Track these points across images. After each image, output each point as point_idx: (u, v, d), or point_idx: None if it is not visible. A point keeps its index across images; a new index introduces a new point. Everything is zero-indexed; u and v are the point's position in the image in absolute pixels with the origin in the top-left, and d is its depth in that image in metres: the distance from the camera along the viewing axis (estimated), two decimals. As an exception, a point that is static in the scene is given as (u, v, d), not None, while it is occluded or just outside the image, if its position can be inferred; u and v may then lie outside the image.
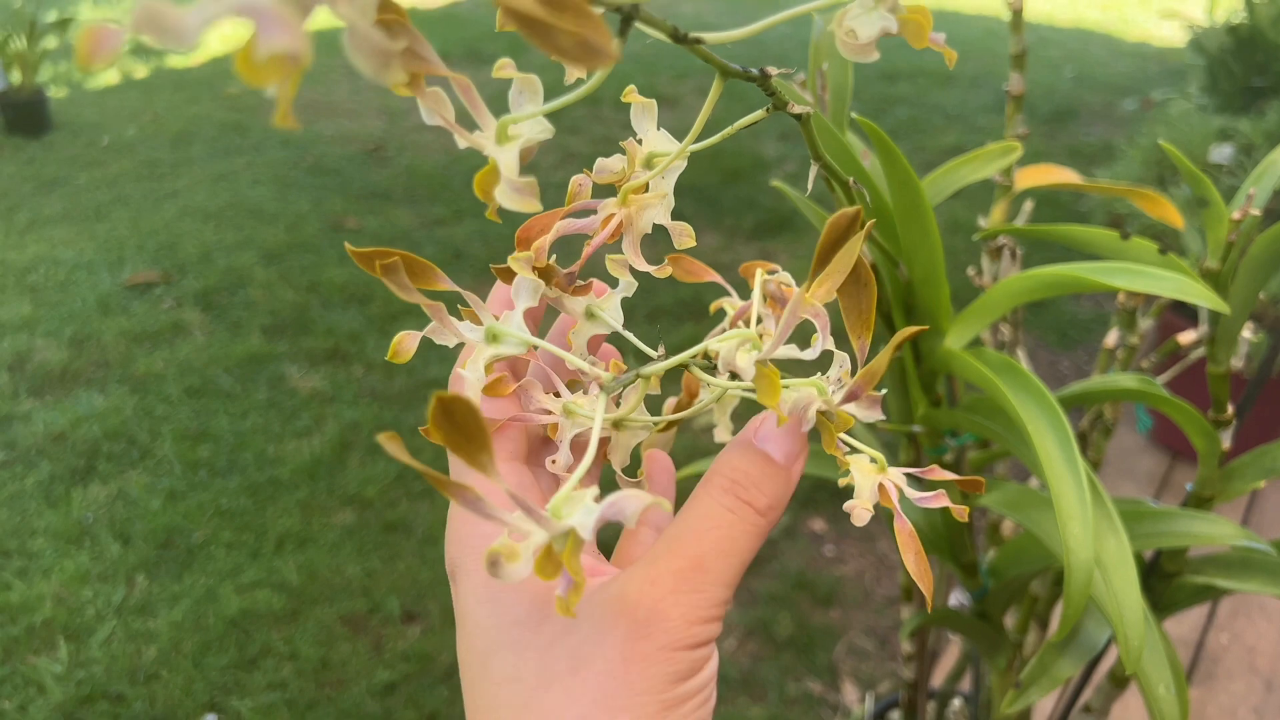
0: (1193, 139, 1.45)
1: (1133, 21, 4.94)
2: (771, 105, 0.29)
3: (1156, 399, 0.53)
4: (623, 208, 0.30)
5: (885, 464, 0.31)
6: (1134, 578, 0.44)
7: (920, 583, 0.29)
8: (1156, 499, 1.63)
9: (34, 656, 1.49)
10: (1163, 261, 0.50)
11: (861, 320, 0.28)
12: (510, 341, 0.29)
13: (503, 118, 0.25)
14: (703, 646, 0.26)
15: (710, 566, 0.27)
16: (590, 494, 0.25)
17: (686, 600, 0.26)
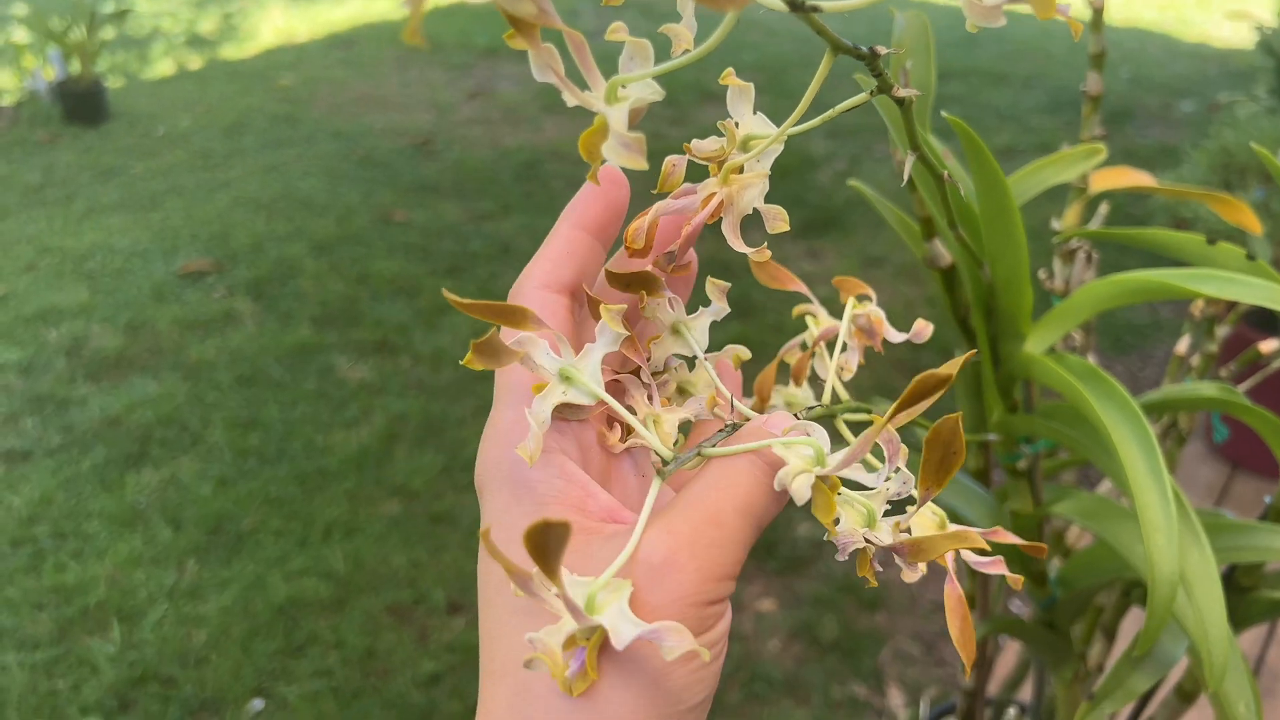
0: (1261, 142, 1.41)
1: (1191, 22, 4.85)
2: (876, 88, 0.28)
3: (1238, 408, 0.52)
4: (724, 187, 0.29)
5: (946, 521, 0.30)
6: (1219, 593, 0.42)
7: (962, 651, 0.28)
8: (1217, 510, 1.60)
9: (88, 637, 1.51)
10: (1250, 268, 0.48)
11: (935, 479, 0.27)
12: (581, 390, 0.28)
13: (613, 78, 0.25)
14: (715, 604, 0.26)
15: (728, 523, 0.27)
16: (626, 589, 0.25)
17: (703, 554, 0.26)
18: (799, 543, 1.70)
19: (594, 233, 0.31)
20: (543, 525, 0.21)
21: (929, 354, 2.16)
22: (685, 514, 0.27)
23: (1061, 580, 0.60)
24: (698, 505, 0.27)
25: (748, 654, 1.51)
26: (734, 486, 0.27)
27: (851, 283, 0.40)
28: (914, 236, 0.53)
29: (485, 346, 0.27)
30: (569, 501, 0.28)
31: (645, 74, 0.25)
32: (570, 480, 0.28)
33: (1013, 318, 0.47)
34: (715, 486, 0.28)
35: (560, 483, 0.28)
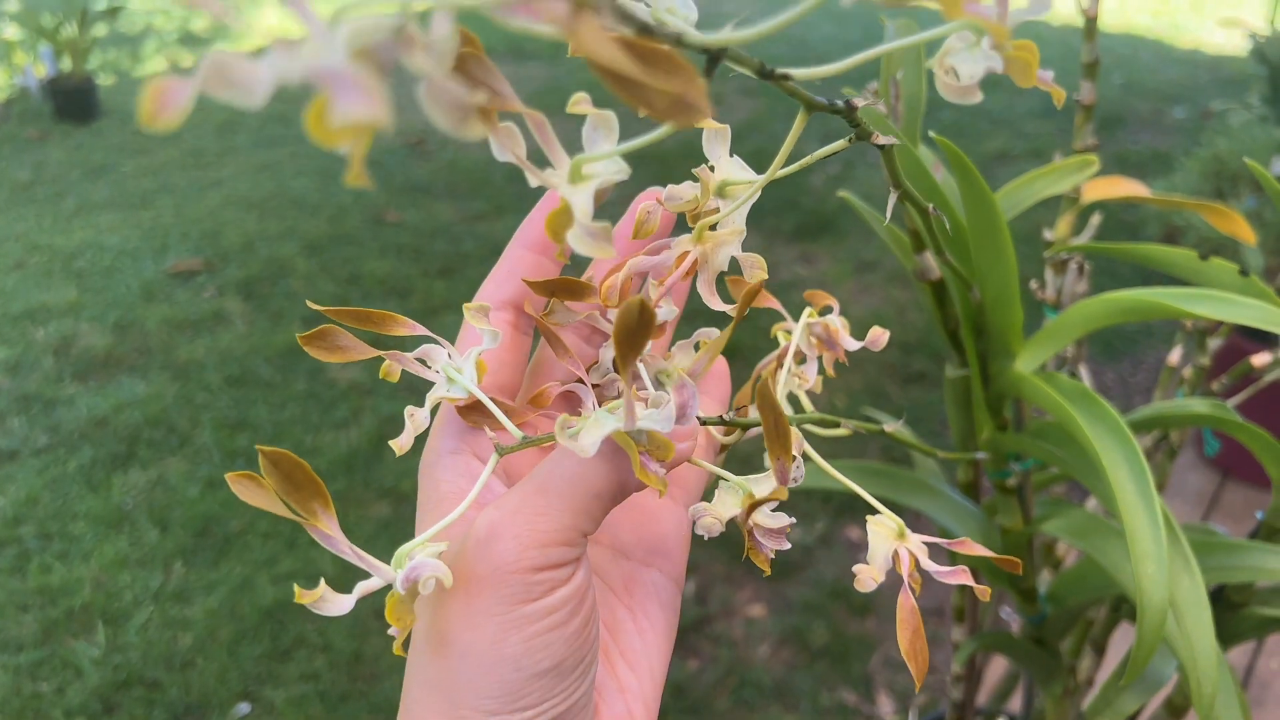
0: (1254, 150, 1.41)
1: (1184, 28, 4.86)
2: (855, 136, 0.28)
3: (1230, 425, 0.51)
4: (698, 244, 0.29)
5: (905, 530, 0.30)
6: (1208, 620, 0.42)
7: (911, 662, 0.28)
8: (1206, 520, 1.60)
9: (72, 639, 1.50)
10: (1244, 285, 0.48)
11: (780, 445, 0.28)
12: (458, 388, 0.30)
13: (577, 157, 0.24)
14: (545, 570, 0.27)
15: (553, 490, 0.27)
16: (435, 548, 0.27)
17: (524, 522, 0.27)
18: (789, 549, 1.70)
19: (541, 250, 0.33)
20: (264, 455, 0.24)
21: (920, 358, 2.15)
22: (518, 488, 0.28)
23: (1051, 596, 0.59)
24: (530, 480, 0.28)
25: (737, 660, 1.51)
26: (567, 459, 0.28)
27: (820, 296, 0.40)
28: (904, 248, 0.53)
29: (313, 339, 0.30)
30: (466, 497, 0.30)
31: (611, 152, 0.24)
32: (473, 478, 0.30)
33: (1002, 336, 0.46)
34: (552, 459, 0.29)
35: (464, 481, 0.30)
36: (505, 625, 0.26)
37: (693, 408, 0.27)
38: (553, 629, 0.27)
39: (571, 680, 0.27)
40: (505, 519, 0.27)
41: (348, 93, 0.14)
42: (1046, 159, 2.47)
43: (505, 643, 0.26)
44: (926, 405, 2.01)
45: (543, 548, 0.27)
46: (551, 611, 0.27)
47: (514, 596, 0.26)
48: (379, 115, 0.14)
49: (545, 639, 0.26)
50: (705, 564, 1.67)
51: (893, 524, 0.30)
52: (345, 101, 0.14)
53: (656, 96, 0.17)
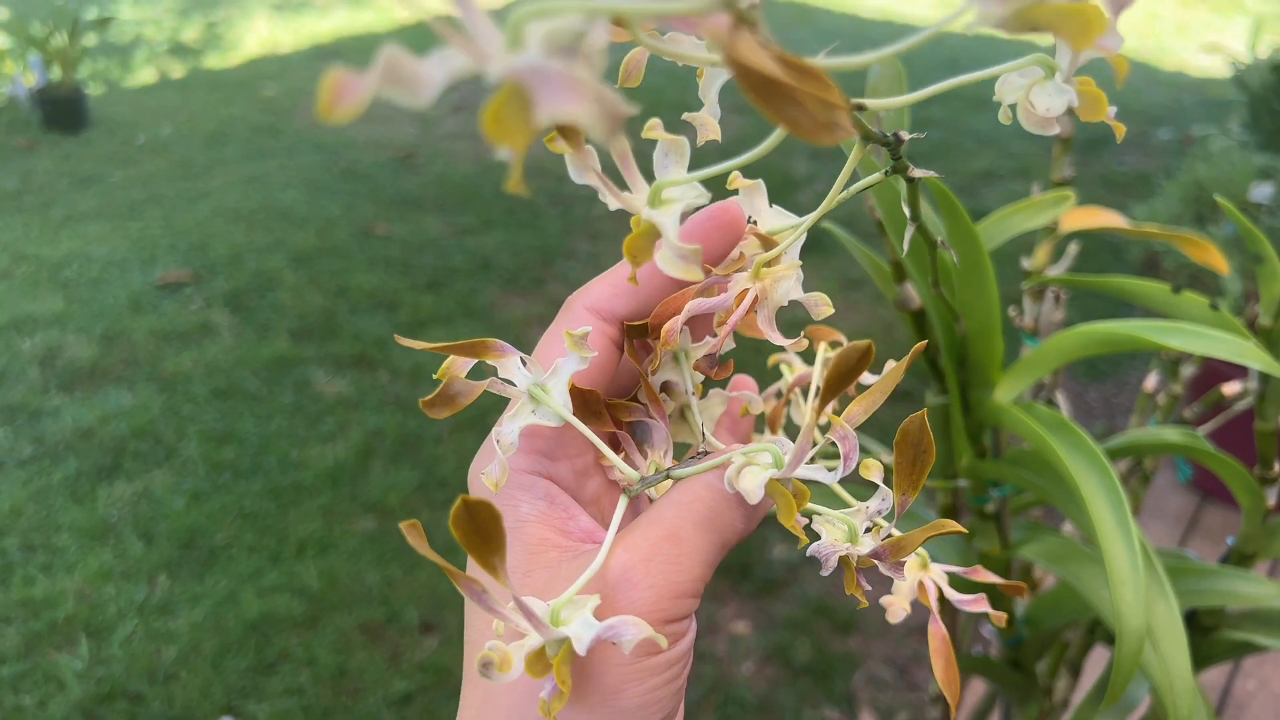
0: (1233, 176, 1.43)
1: (1169, 50, 4.92)
2: (893, 168, 0.29)
3: (1202, 454, 0.53)
4: (756, 282, 0.29)
5: (928, 561, 0.30)
6: (1184, 645, 0.43)
7: (947, 691, 0.28)
8: (1184, 545, 1.61)
9: (55, 652, 1.50)
10: (1215, 319, 0.49)
11: (911, 481, 0.27)
12: (546, 412, 0.28)
13: (657, 182, 0.24)
14: (673, 622, 0.26)
15: (686, 538, 0.27)
16: (592, 603, 0.25)
17: (658, 571, 0.26)
18: (774, 565, 1.71)
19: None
20: (465, 503, 0.21)
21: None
22: (645, 531, 0.27)
23: (1028, 620, 0.60)
24: (657, 523, 0.27)
25: (721, 676, 1.51)
26: (694, 503, 0.27)
27: (824, 330, 0.40)
28: (885, 278, 0.54)
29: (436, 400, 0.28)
30: (550, 523, 0.28)
31: (690, 177, 0.24)
32: (553, 503, 0.28)
33: (983, 367, 0.47)
34: (675, 504, 0.28)
35: (543, 504, 0.28)
36: (627, 676, 0.25)
37: (854, 457, 0.27)
38: (669, 682, 0.26)
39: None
40: (639, 566, 0.26)
41: (557, 91, 0.14)
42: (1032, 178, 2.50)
43: (623, 694, 0.25)
44: (911, 423, 2.02)
45: (677, 598, 0.26)
46: (671, 665, 0.26)
47: (640, 648, 0.25)
48: (586, 109, 0.15)
49: (661, 692, 0.26)
50: (690, 580, 1.67)
51: (915, 555, 0.30)
52: (552, 97, 0.14)
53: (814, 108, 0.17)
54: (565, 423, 0.28)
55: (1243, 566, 0.57)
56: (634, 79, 0.28)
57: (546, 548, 0.27)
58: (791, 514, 0.26)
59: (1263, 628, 0.59)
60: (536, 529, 0.28)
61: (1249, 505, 0.55)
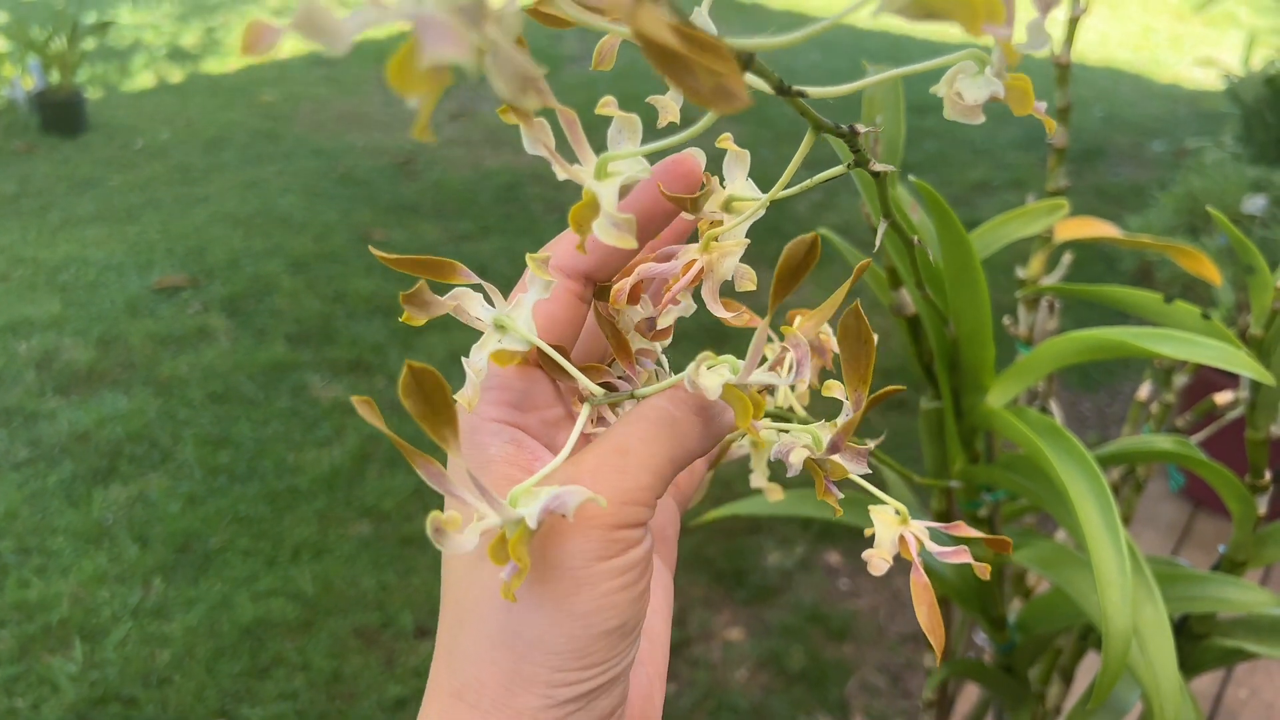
0: (1226, 188, 1.44)
1: (1164, 63, 4.94)
2: (853, 162, 0.29)
3: (1193, 462, 0.53)
4: (704, 254, 0.30)
5: (908, 516, 0.31)
6: (1170, 648, 0.44)
7: (931, 636, 0.29)
8: (1177, 553, 1.62)
9: (49, 655, 1.49)
10: (1206, 327, 0.50)
11: (859, 375, 0.28)
12: (514, 337, 0.29)
13: (603, 155, 0.26)
14: (623, 529, 0.27)
15: (633, 450, 0.28)
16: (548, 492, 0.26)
17: (604, 479, 0.27)
18: (768, 572, 1.71)
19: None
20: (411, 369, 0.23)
21: (899, 384, 2.18)
22: (593, 447, 0.28)
23: (1020, 625, 0.61)
24: (607, 439, 0.28)
25: (715, 683, 1.52)
26: (643, 419, 0.29)
27: (805, 313, 0.41)
28: (881, 284, 0.55)
29: (414, 297, 0.29)
30: (516, 463, 0.29)
31: (634, 152, 0.26)
32: (520, 446, 0.30)
33: (975, 372, 0.48)
34: (626, 420, 0.29)
35: (510, 448, 0.29)
36: (580, 580, 0.26)
37: (806, 365, 0.28)
38: (624, 589, 0.27)
39: (628, 643, 0.28)
40: (585, 476, 0.27)
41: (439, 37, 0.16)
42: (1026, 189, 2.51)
43: (578, 597, 0.26)
44: (906, 432, 2.03)
45: (623, 505, 0.27)
46: (625, 571, 0.27)
47: (592, 552, 0.26)
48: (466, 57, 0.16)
49: (616, 598, 0.27)
50: (685, 587, 1.68)
51: (895, 511, 0.31)
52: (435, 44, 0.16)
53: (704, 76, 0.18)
54: (534, 374, 0.30)
55: (1234, 574, 0.58)
56: (607, 62, 0.29)
57: (510, 483, 0.28)
58: (748, 417, 0.28)
59: (1254, 635, 0.60)
60: (502, 468, 0.29)
61: (1240, 513, 0.56)
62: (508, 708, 0.27)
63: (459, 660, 0.28)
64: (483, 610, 0.28)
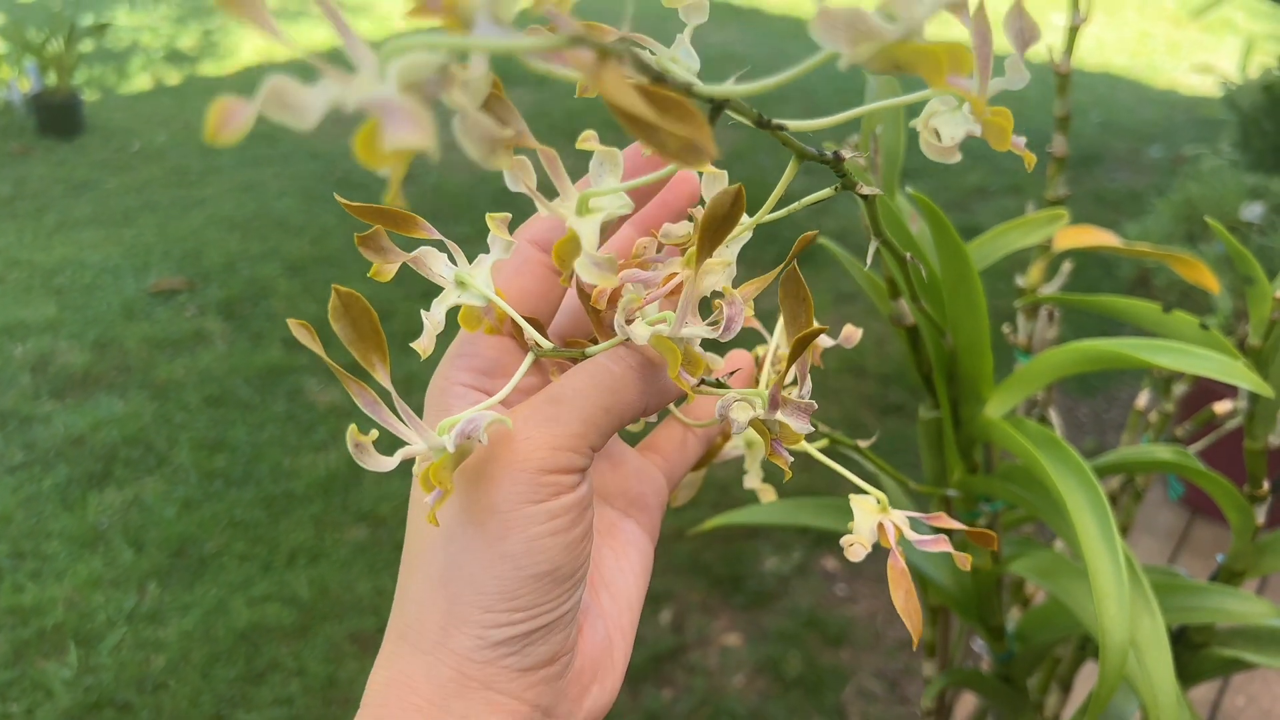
0: (1224, 196, 1.44)
1: (1160, 69, 4.95)
2: (840, 185, 0.29)
3: (1192, 472, 0.53)
4: (686, 269, 0.30)
5: (887, 505, 0.31)
6: (1168, 660, 0.43)
7: (907, 619, 0.29)
8: (1175, 560, 1.62)
9: (44, 660, 1.49)
10: (1205, 338, 0.50)
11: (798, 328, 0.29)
12: (473, 294, 0.30)
13: (584, 191, 0.26)
14: (553, 474, 0.28)
15: (566, 399, 0.29)
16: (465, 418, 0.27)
17: (534, 424, 0.28)
18: (765, 578, 1.71)
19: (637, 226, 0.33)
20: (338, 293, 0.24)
21: (898, 390, 2.18)
22: (529, 400, 0.29)
23: (1018, 635, 0.61)
24: (544, 391, 0.29)
25: (712, 689, 1.51)
26: (581, 371, 0.29)
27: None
28: (880, 293, 0.54)
29: (370, 240, 0.30)
30: None
31: (617, 188, 0.26)
32: None
33: (973, 382, 0.48)
34: (566, 375, 0.30)
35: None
36: (509, 522, 0.27)
37: (738, 322, 0.28)
38: (554, 533, 0.27)
39: (564, 589, 0.28)
40: (517, 421, 0.28)
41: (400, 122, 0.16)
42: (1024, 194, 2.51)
43: (507, 539, 0.27)
44: (904, 437, 2.03)
45: (552, 450, 0.28)
46: (555, 516, 0.28)
47: (521, 495, 0.27)
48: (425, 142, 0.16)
49: (545, 542, 0.27)
50: (682, 592, 1.67)
51: (875, 499, 0.31)
52: (396, 129, 0.16)
53: (669, 139, 0.19)
54: (504, 343, 0.31)
55: (1232, 584, 0.58)
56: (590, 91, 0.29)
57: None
58: (676, 365, 0.28)
59: (1252, 645, 0.60)
60: None
61: (1238, 523, 0.56)
62: (443, 648, 0.28)
63: (405, 602, 0.29)
64: (426, 554, 0.29)
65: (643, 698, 1.49)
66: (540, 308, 0.32)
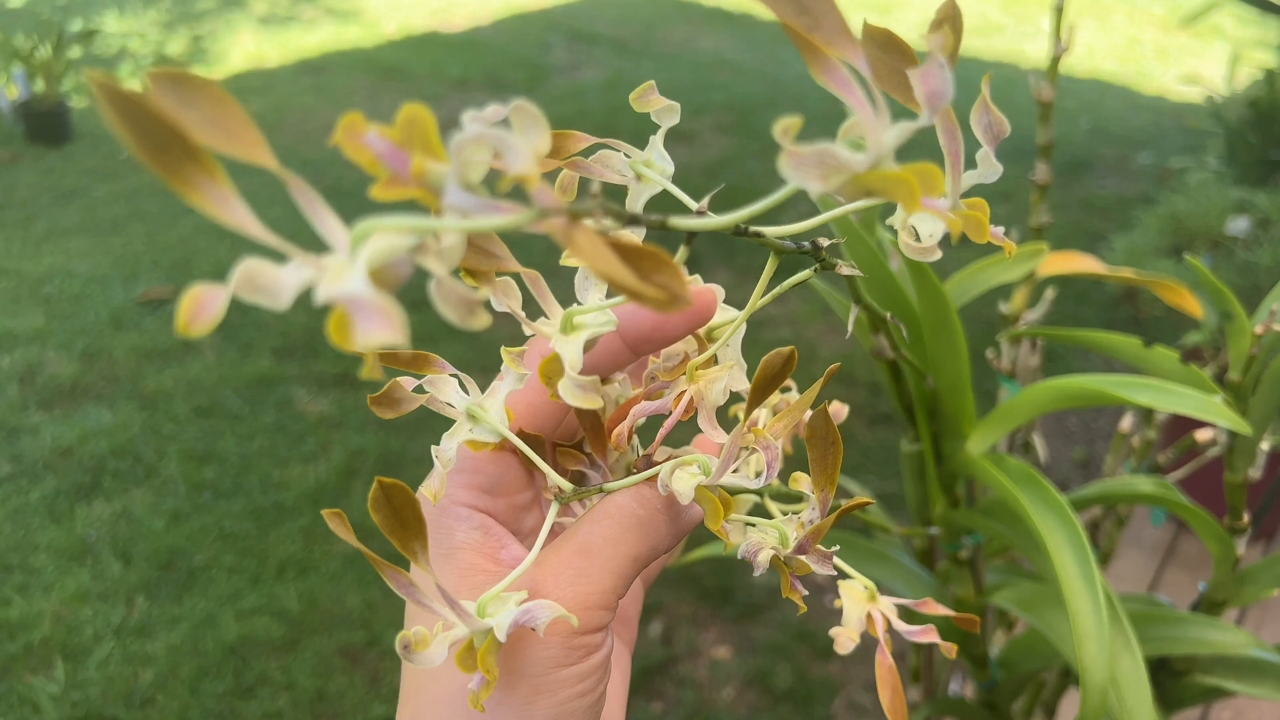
0: (1210, 210, 1.45)
1: (1150, 75, 4.97)
2: (820, 267, 0.29)
3: (1174, 505, 0.54)
4: (692, 384, 0.30)
5: (875, 593, 0.31)
6: (1148, 697, 0.44)
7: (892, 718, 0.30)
8: (1161, 573, 1.62)
9: (31, 675, 1.48)
10: (1184, 374, 0.50)
11: (826, 476, 0.28)
12: (484, 429, 0.29)
13: (569, 309, 0.26)
14: (582, 635, 0.27)
15: (596, 551, 0.27)
16: (517, 598, 0.26)
17: (567, 583, 0.27)
18: (755, 590, 1.71)
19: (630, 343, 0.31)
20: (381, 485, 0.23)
21: (887, 400, 2.18)
22: (557, 546, 0.28)
23: (1002, 662, 0.61)
24: (570, 538, 0.28)
25: (702, 702, 1.51)
26: (607, 518, 0.28)
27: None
28: (862, 327, 0.55)
29: (384, 398, 0.29)
30: (482, 551, 0.29)
31: (601, 305, 0.26)
32: (488, 533, 0.29)
33: (954, 420, 0.48)
34: (590, 519, 0.28)
35: (478, 534, 0.29)
36: (539, 688, 0.26)
37: (777, 466, 0.28)
38: (582, 695, 0.27)
39: None
40: (548, 579, 0.27)
41: (368, 318, 0.16)
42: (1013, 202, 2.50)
43: (535, 706, 0.26)
44: (893, 447, 2.03)
45: (585, 610, 0.27)
46: (584, 678, 0.27)
47: (553, 660, 0.26)
48: (396, 338, 0.16)
49: (573, 705, 0.27)
50: (672, 604, 1.68)
51: (864, 588, 0.31)
52: (366, 325, 0.16)
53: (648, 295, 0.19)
54: (506, 459, 0.30)
55: (1213, 613, 0.58)
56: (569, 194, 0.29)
57: (476, 572, 0.28)
58: (719, 519, 0.28)
59: (1233, 673, 0.60)
60: (469, 555, 0.29)
61: (1219, 554, 0.56)
62: None
63: None
64: (441, 711, 0.27)
65: (633, 710, 1.49)
66: (546, 422, 0.31)
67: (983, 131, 0.23)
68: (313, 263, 0.17)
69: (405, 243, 0.17)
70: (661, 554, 0.29)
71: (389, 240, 0.17)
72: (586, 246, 0.17)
